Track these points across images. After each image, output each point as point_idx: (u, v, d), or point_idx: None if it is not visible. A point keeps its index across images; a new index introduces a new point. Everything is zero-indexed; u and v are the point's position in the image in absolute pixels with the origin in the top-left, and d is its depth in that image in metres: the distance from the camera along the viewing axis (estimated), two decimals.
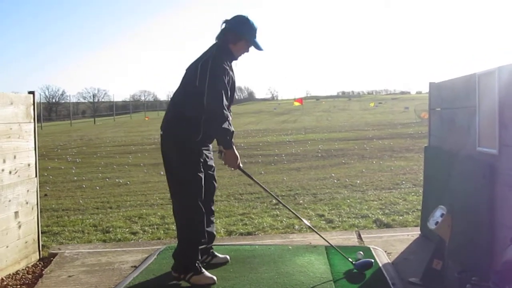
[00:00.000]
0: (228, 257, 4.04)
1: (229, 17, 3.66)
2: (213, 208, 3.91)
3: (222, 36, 3.64)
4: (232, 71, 3.63)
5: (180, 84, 3.68)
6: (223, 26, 3.65)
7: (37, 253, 4.40)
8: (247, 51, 3.71)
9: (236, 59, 3.69)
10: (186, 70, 3.68)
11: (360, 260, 3.83)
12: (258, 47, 3.69)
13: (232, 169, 3.72)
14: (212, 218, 3.88)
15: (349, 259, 3.83)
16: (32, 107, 4.34)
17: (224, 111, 3.41)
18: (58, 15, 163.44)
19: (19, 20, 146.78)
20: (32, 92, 4.38)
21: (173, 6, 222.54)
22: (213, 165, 3.80)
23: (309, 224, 4.32)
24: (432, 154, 4.67)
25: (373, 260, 3.85)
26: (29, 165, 4.27)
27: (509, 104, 3.00)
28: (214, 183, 3.82)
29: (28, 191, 4.25)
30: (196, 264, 3.52)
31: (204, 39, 3.76)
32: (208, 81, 3.39)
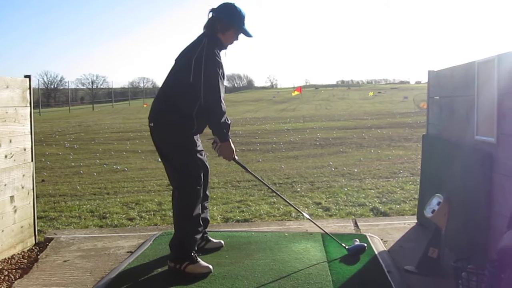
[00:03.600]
0: (222, 242, 4.04)
1: (215, 6, 3.58)
2: (207, 193, 3.89)
3: (210, 26, 3.56)
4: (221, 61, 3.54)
5: (170, 76, 3.60)
6: (210, 15, 3.58)
7: (33, 237, 4.40)
8: (237, 39, 3.65)
9: (225, 48, 3.62)
10: (176, 60, 3.61)
11: (353, 245, 3.84)
12: (247, 34, 3.63)
13: (227, 160, 3.70)
14: (206, 204, 3.86)
15: (342, 244, 3.85)
16: (28, 91, 4.30)
17: (222, 105, 3.38)
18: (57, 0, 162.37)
19: (18, 7, 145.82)
20: (28, 76, 4.34)
21: None
22: (202, 148, 3.76)
23: (307, 216, 4.26)
24: (430, 142, 4.65)
25: (366, 245, 3.87)
26: (25, 149, 4.25)
27: (508, 93, 2.97)
28: (207, 165, 3.79)
29: (24, 175, 4.23)
30: (192, 254, 3.48)
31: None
32: (203, 77, 3.33)
